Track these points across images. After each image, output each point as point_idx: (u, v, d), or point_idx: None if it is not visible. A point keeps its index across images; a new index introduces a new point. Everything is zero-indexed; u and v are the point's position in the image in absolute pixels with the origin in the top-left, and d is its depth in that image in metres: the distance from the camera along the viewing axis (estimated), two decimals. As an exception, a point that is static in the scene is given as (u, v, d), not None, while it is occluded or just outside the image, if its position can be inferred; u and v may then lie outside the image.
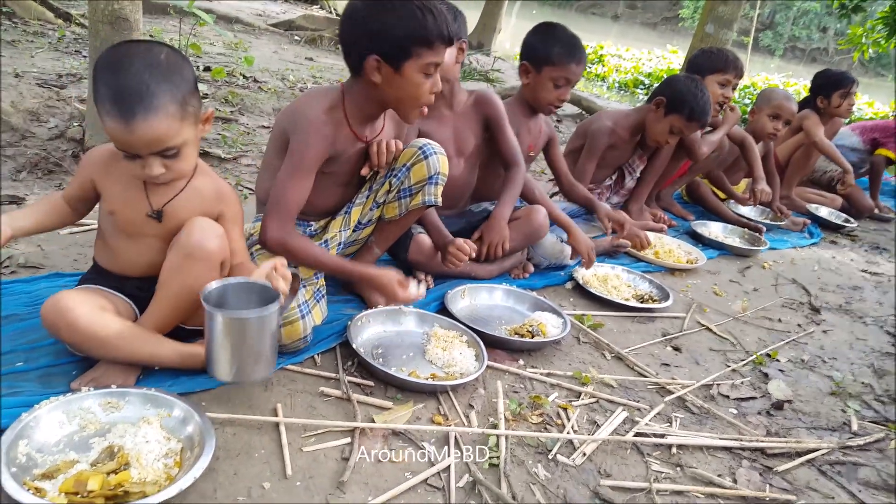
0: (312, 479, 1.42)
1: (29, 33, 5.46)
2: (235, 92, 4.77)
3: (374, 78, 1.81)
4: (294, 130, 1.86)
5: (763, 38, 37.49)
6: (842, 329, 2.89)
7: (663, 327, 2.55)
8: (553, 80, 2.67)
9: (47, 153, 2.93)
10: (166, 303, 1.62)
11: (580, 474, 1.61)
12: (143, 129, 1.40)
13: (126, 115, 1.38)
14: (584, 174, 3.27)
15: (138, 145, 1.43)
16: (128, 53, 1.43)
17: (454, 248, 2.26)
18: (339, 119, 1.89)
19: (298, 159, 1.84)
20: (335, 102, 1.89)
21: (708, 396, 2.10)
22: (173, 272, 1.59)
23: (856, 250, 4.27)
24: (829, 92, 4.53)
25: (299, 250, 1.86)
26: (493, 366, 2.00)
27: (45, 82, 3.89)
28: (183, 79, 1.47)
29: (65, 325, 1.47)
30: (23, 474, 1.26)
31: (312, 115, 1.84)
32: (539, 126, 2.91)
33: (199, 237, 1.57)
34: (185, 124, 1.48)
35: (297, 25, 9.55)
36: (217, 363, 1.51)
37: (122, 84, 1.39)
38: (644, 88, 11.22)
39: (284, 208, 1.84)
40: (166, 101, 1.42)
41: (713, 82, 3.53)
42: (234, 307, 1.55)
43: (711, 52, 3.64)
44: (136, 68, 1.40)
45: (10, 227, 1.51)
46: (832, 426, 2.06)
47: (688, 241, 3.56)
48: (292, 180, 1.84)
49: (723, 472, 1.72)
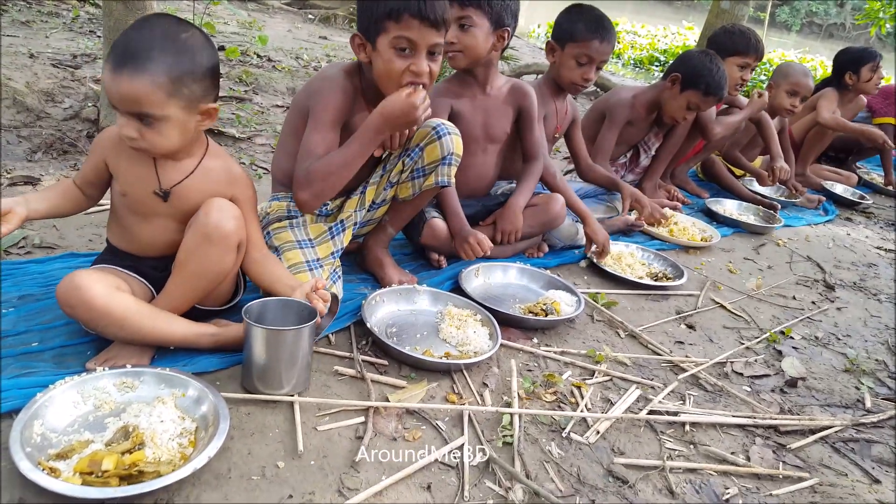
0: (326, 458, 1.44)
1: (43, 13, 5.46)
2: (249, 71, 4.77)
3: (361, 58, 1.84)
4: (314, 94, 1.89)
5: (780, 14, 36.87)
6: (856, 306, 2.88)
7: (677, 305, 2.55)
8: (575, 56, 2.67)
9: (62, 134, 2.94)
10: (183, 283, 1.63)
11: (594, 452, 1.62)
12: (124, 83, 1.41)
13: (116, 65, 1.42)
14: (605, 148, 3.25)
15: (116, 98, 1.45)
16: (159, 22, 1.48)
17: (473, 241, 2.28)
18: (356, 87, 1.92)
19: (321, 113, 1.87)
20: (353, 71, 1.94)
21: (722, 374, 2.10)
22: (190, 253, 1.60)
23: (871, 227, 4.23)
24: (857, 67, 4.46)
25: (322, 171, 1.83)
26: (506, 344, 2.01)
27: (60, 63, 3.90)
28: (191, 61, 1.47)
29: (80, 304, 1.48)
30: (38, 454, 1.26)
31: (331, 74, 1.90)
32: (565, 107, 2.91)
33: (217, 218, 1.57)
34: (173, 101, 1.47)
35: (310, 4, 9.49)
36: (253, 375, 1.57)
37: (131, 39, 1.44)
38: (659, 65, 11.09)
39: (312, 154, 1.85)
40: (159, 70, 1.43)
41: (732, 64, 3.49)
42: (273, 323, 1.63)
43: (733, 33, 3.57)
44: (153, 34, 1.44)
45: (26, 208, 1.52)
46: (846, 403, 2.06)
47: (702, 218, 3.54)
48: (316, 133, 1.86)
49: (736, 450, 1.72)
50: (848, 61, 4.53)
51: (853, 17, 29.85)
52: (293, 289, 1.68)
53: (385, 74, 1.82)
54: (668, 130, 3.48)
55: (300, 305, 1.66)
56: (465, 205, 2.43)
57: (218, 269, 1.63)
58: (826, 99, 4.39)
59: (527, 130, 2.57)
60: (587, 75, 2.70)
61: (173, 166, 1.62)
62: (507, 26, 2.30)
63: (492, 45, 2.31)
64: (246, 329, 1.54)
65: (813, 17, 38.83)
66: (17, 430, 1.26)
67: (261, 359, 1.55)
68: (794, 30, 36.81)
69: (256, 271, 1.75)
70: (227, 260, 1.63)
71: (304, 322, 1.58)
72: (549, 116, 2.83)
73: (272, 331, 1.54)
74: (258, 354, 1.54)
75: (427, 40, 1.78)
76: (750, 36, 3.52)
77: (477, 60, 2.34)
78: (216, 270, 1.63)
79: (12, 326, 1.66)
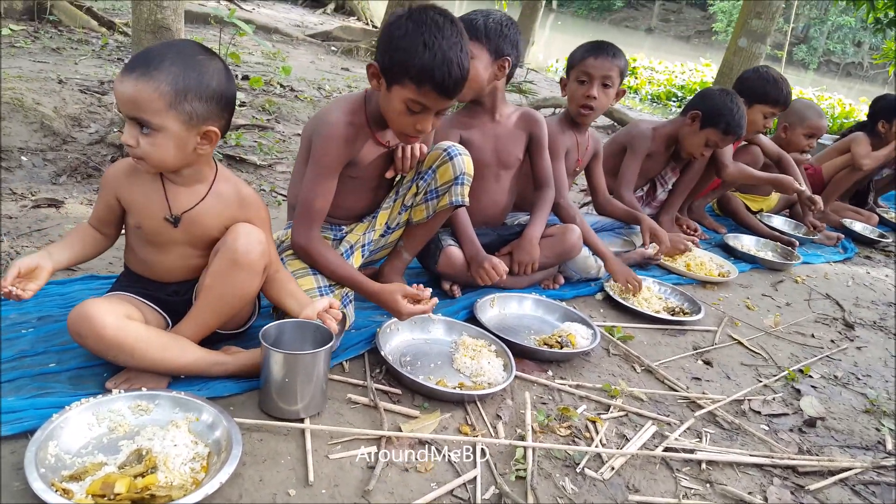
0: (337, 487, 1.43)
1: (73, 41, 5.60)
2: (273, 100, 4.84)
3: (373, 84, 1.87)
4: (316, 135, 1.92)
5: (797, 52, 37.03)
6: (876, 346, 2.84)
7: (694, 341, 2.53)
8: (576, 78, 2.72)
9: (87, 158, 3.00)
10: (208, 308, 1.64)
11: (608, 489, 1.59)
12: (129, 84, 1.44)
13: (127, 69, 1.45)
14: (628, 178, 3.26)
15: (119, 99, 1.47)
16: (184, 42, 1.54)
17: (489, 266, 2.30)
18: (360, 123, 1.94)
19: (319, 162, 1.91)
20: (357, 107, 1.95)
21: (739, 412, 2.07)
22: (217, 278, 1.61)
23: (890, 266, 4.18)
24: (891, 116, 4.42)
25: (317, 257, 1.95)
26: (521, 376, 2.00)
27: (88, 88, 3.98)
28: (199, 79, 1.49)
29: (91, 334, 1.48)
30: (51, 475, 1.27)
31: (333, 119, 1.91)
32: (587, 142, 2.93)
33: (245, 243, 1.60)
34: (172, 114, 1.47)
35: (334, 36, 9.67)
36: (271, 398, 1.59)
37: (150, 50, 1.48)
38: (677, 101, 11.14)
39: (308, 212, 1.94)
40: (165, 80, 1.45)
41: (759, 112, 3.51)
42: (289, 345, 1.66)
43: (768, 80, 3.55)
44: (171, 48, 1.49)
45: (51, 261, 1.53)
46: (866, 445, 2.02)
47: (720, 253, 3.52)
48: (314, 184, 1.92)
49: (753, 490, 1.69)
50: (882, 109, 4.49)
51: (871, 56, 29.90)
52: (303, 306, 1.69)
53: (390, 117, 1.89)
54: (686, 165, 3.48)
55: (316, 328, 1.68)
56: (480, 233, 2.44)
57: (244, 293, 1.65)
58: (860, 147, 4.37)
59: (537, 157, 2.59)
60: (588, 92, 2.69)
61: (184, 192, 1.63)
62: (506, 55, 2.33)
63: (493, 75, 2.35)
64: (263, 352, 1.56)
65: (830, 55, 38.93)
66: (31, 451, 1.27)
67: (278, 381, 1.56)
68: (812, 68, 36.90)
69: (269, 286, 1.76)
70: (254, 284, 1.65)
71: (320, 344, 1.61)
72: (571, 150, 2.85)
73: (289, 354, 1.56)
74: (276, 377, 1.56)
75: (439, 107, 1.84)
76: (783, 87, 3.52)
77: (480, 91, 2.38)
78: (242, 294, 1.65)
79: (30, 347, 1.67)
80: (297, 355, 1.56)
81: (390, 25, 1.79)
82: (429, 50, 1.72)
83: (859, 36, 37.25)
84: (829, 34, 38.52)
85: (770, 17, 6.05)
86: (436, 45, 1.72)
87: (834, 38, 38.60)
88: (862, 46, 37.79)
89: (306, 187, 1.93)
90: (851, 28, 37.10)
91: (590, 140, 2.96)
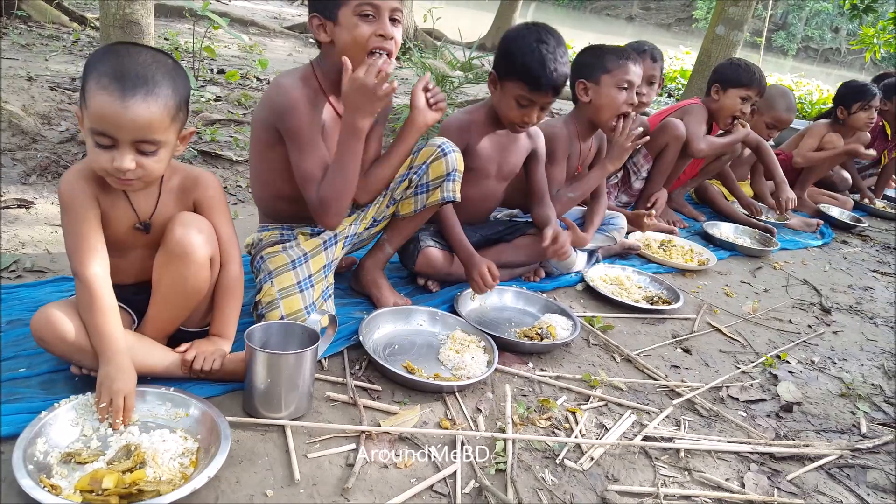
0: (316, 486, 1.42)
1: (44, 36, 5.51)
2: (249, 94, 4.79)
3: (321, 38, 1.84)
4: (278, 111, 1.84)
5: (776, 39, 37.29)
6: (852, 330, 2.87)
7: (673, 329, 2.54)
8: (616, 84, 2.66)
9: (57, 157, 2.95)
10: (161, 305, 1.62)
11: (587, 479, 1.60)
12: (140, 108, 1.38)
13: (126, 91, 1.36)
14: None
15: (127, 126, 1.38)
16: (135, 47, 1.46)
17: (484, 271, 2.23)
18: (315, 88, 1.90)
19: (300, 135, 1.83)
20: (306, 74, 1.91)
21: (717, 399, 2.09)
22: (160, 271, 1.58)
23: (867, 250, 4.23)
24: (849, 103, 4.47)
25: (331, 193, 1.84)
26: (501, 369, 2.00)
27: (58, 86, 3.92)
28: (183, 85, 1.48)
29: (54, 338, 1.46)
30: (40, 472, 1.27)
31: (289, 85, 1.83)
32: (589, 145, 2.92)
33: (181, 234, 1.54)
34: (172, 127, 1.46)
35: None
36: (255, 399, 1.57)
37: (128, 65, 1.39)
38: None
39: (312, 179, 1.85)
40: (167, 94, 1.42)
41: (735, 96, 3.51)
42: (275, 348, 1.65)
43: (739, 66, 3.58)
44: (144, 58, 1.42)
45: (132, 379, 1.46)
46: (841, 428, 2.05)
47: (699, 241, 3.54)
48: (305, 157, 1.84)
49: (731, 477, 1.70)
50: (843, 96, 4.54)
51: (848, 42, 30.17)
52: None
53: (351, 44, 1.80)
54: (658, 154, 3.49)
55: (303, 330, 1.67)
56: (468, 230, 2.42)
57: (191, 286, 1.60)
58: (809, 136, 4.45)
59: (534, 170, 2.58)
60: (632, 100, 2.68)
61: (142, 196, 1.59)
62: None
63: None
64: (248, 353, 1.55)
65: (809, 41, 39.28)
66: (20, 449, 1.28)
67: (262, 383, 1.55)
68: (791, 54, 37.20)
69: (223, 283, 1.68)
70: (200, 276, 1.59)
71: (307, 346, 1.59)
72: (573, 156, 2.84)
73: (274, 355, 1.55)
74: (260, 378, 1.54)
75: (389, 5, 1.81)
76: (755, 70, 3.54)
77: None
78: (190, 287, 1.60)
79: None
80: (282, 355, 1.55)
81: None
82: None
83: (837, 22, 37.63)
84: (808, 20, 38.87)
85: (747, 5, 6.07)
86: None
87: (812, 24, 38.96)
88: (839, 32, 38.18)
89: (297, 164, 1.84)
90: (829, 14, 37.45)
91: (592, 141, 2.95)
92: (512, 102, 2.26)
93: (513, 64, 2.21)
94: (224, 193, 1.69)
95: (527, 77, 2.18)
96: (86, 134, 1.44)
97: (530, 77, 2.18)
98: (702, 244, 3.48)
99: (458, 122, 2.38)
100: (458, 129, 2.35)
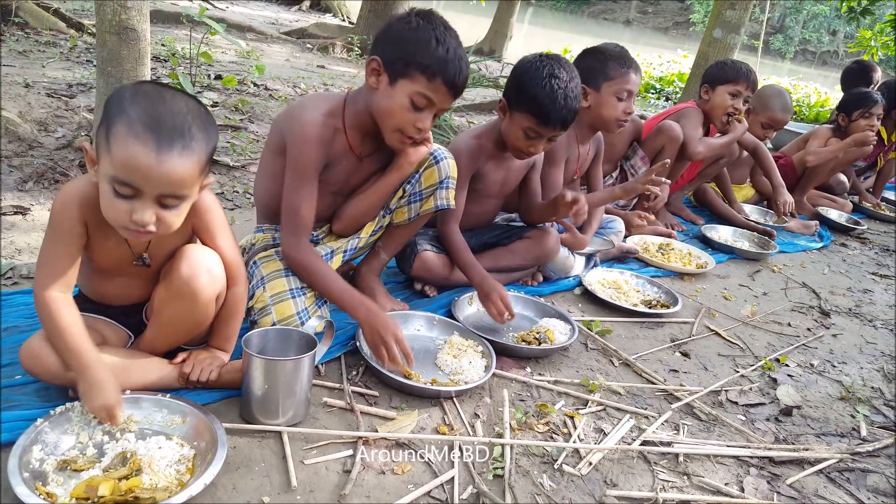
0: (313, 492, 1.41)
1: (41, 43, 5.51)
2: (246, 100, 4.79)
3: (371, 81, 1.83)
4: (291, 135, 1.86)
5: (774, 42, 37.39)
6: (851, 333, 2.86)
7: (672, 333, 2.53)
8: (616, 93, 2.66)
9: (54, 163, 2.94)
10: (160, 331, 1.61)
11: (586, 484, 1.59)
12: (175, 164, 1.29)
13: (163, 144, 1.27)
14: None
15: (157, 180, 1.29)
16: (168, 91, 1.35)
17: (497, 298, 2.20)
18: (336, 126, 1.90)
19: (299, 168, 1.85)
20: (335, 109, 1.90)
21: (716, 403, 2.08)
22: (163, 306, 1.56)
23: (866, 253, 4.22)
24: (849, 110, 4.47)
25: (311, 270, 1.89)
26: (499, 374, 1.99)
27: (55, 92, 3.92)
28: (214, 135, 1.40)
29: (42, 372, 1.46)
30: (35, 480, 1.27)
31: (309, 118, 1.84)
32: (587, 149, 2.92)
33: (188, 275, 1.49)
34: (199, 180, 1.39)
35: (309, 33, 9.59)
36: (252, 405, 1.56)
37: (163, 114, 1.29)
38: (655, 93, 11.17)
39: (294, 221, 1.88)
40: (201, 148, 1.34)
41: (724, 92, 3.50)
42: (273, 354, 1.65)
43: (725, 64, 3.60)
44: (179, 107, 1.33)
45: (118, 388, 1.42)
46: (841, 432, 2.04)
47: (697, 245, 3.53)
48: (298, 191, 1.86)
49: (730, 481, 1.69)
50: (846, 102, 4.54)
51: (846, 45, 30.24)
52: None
53: (388, 114, 1.84)
54: (656, 156, 3.49)
55: (300, 336, 1.67)
56: (468, 235, 2.42)
57: (196, 321, 1.60)
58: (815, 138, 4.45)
59: (530, 180, 2.58)
60: (629, 109, 2.70)
61: None
62: None
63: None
64: (245, 359, 1.54)
65: (806, 44, 39.36)
66: (15, 456, 1.27)
67: (260, 389, 1.54)
68: (788, 57, 37.28)
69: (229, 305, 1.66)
70: (206, 313, 1.58)
71: (304, 352, 1.58)
72: (571, 161, 2.83)
73: (271, 361, 1.54)
74: (257, 384, 1.54)
75: (443, 105, 1.84)
76: (741, 66, 3.54)
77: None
78: (194, 322, 1.60)
79: (-5, 358, 1.64)
80: (280, 361, 1.55)
81: (398, 21, 1.82)
82: (441, 45, 1.77)
83: (834, 25, 37.72)
84: (805, 23, 38.96)
85: (744, 8, 6.09)
86: (447, 41, 1.78)
87: (809, 26, 39.04)
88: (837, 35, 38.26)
89: (288, 195, 1.87)
90: (826, 17, 37.54)
91: (590, 145, 2.94)
92: (520, 133, 2.24)
93: (523, 95, 2.19)
94: (223, 211, 1.62)
95: (536, 111, 2.17)
96: (100, 178, 1.33)
97: (540, 111, 2.16)
98: (700, 247, 3.48)
99: (468, 147, 2.35)
100: (468, 155, 2.34)
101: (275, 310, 1.86)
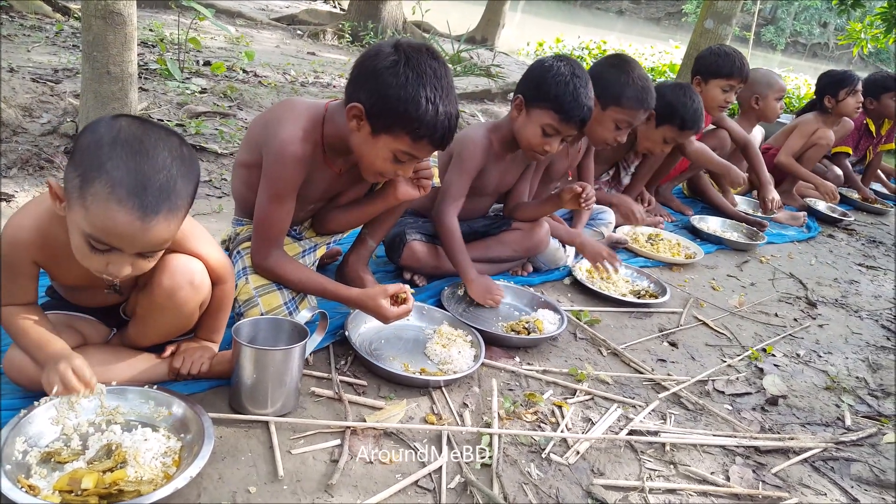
0: (300, 482, 1.41)
1: (26, 27, 5.45)
2: (235, 87, 4.75)
3: (351, 125, 1.72)
4: (268, 153, 1.77)
5: (765, 33, 37.42)
6: (837, 323, 2.88)
7: (660, 323, 2.54)
8: (616, 121, 2.64)
9: (39, 149, 2.91)
10: (143, 329, 1.60)
11: (573, 473, 1.60)
12: (160, 229, 1.22)
13: (148, 210, 1.19)
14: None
15: (141, 244, 1.24)
16: (148, 134, 1.23)
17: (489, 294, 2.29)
18: (315, 141, 1.80)
19: (275, 185, 1.77)
20: (314, 124, 1.80)
21: (703, 392, 2.09)
22: (145, 312, 1.55)
23: (853, 244, 4.25)
24: (835, 90, 4.49)
25: (284, 275, 1.86)
26: (488, 363, 1.99)
27: (40, 77, 3.87)
28: (196, 175, 1.31)
29: (24, 381, 1.45)
30: (18, 472, 1.25)
31: (287, 136, 1.73)
32: (578, 147, 2.92)
33: (170, 287, 1.46)
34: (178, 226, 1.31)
35: (300, 20, 9.53)
36: (242, 395, 1.56)
37: (148, 173, 1.19)
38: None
39: (268, 234, 1.83)
40: (185, 202, 1.26)
41: (717, 87, 3.51)
42: (264, 344, 1.64)
43: (720, 55, 3.56)
44: (164, 157, 1.22)
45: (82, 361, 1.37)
46: (826, 421, 2.05)
47: (686, 235, 3.54)
48: (272, 206, 1.79)
49: (716, 470, 1.71)
50: (826, 85, 4.55)
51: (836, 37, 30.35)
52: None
53: (368, 160, 1.77)
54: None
55: (292, 325, 1.66)
56: (463, 224, 2.42)
57: (180, 325, 1.59)
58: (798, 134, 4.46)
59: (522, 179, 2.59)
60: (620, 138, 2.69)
61: None
62: None
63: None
64: (235, 348, 1.53)
65: (797, 36, 39.43)
66: None
67: (249, 378, 1.53)
68: (779, 49, 37.35)
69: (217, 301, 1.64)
70: (189, 318, 1.57)
71: (295, 342, 1.58)
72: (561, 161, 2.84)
73: (261, 350, 1.54)
74: (247, 374, 1.53)
75: (425, 155, 1.79)
76: (735, 58, 3.53)
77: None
78: (177, 326, 1.59)
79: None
80: (270, 351, 1.54)
81: (385, 71, 1.64)
82: (430, 104, 1.64)
83: (825, 17, 37.79)
84: (796, 15, 39.01)
85: (735, -1, 6.08)
86: (437, 98, 1.65)
87: (801, 18, 39.10)
88: (828, 27, 38.35)
89: (262, 209, 1.79)
90: (817, 9, 37.61)
91: (581, 144, 2.93)
92: (537, 130, 2.24)
93: (546, 93, 2.19)
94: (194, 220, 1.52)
95: (558, 107, 2.17)
96: (72, 228, 1.24)
97: (562, 108, 2.17)
98: (689, 238, 3.49)
99: (482, 142, 2.34)
100: (482, 149, 2.34)
101: (261, 301, 1.85)
